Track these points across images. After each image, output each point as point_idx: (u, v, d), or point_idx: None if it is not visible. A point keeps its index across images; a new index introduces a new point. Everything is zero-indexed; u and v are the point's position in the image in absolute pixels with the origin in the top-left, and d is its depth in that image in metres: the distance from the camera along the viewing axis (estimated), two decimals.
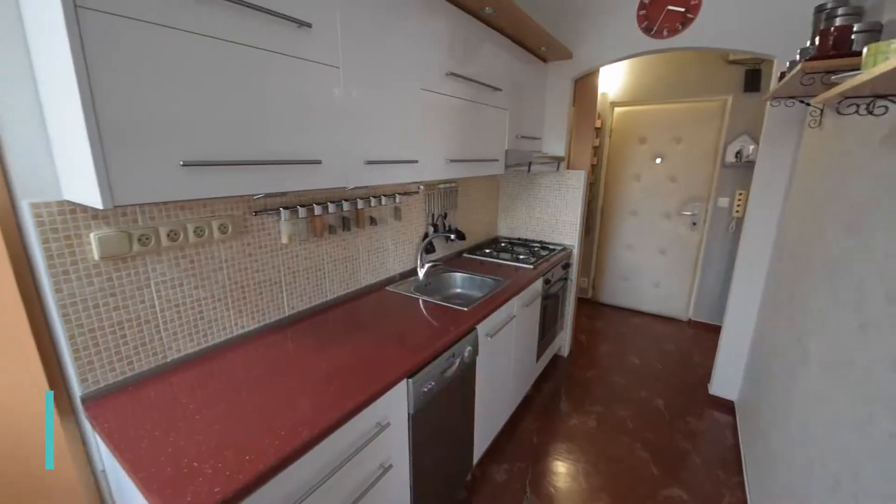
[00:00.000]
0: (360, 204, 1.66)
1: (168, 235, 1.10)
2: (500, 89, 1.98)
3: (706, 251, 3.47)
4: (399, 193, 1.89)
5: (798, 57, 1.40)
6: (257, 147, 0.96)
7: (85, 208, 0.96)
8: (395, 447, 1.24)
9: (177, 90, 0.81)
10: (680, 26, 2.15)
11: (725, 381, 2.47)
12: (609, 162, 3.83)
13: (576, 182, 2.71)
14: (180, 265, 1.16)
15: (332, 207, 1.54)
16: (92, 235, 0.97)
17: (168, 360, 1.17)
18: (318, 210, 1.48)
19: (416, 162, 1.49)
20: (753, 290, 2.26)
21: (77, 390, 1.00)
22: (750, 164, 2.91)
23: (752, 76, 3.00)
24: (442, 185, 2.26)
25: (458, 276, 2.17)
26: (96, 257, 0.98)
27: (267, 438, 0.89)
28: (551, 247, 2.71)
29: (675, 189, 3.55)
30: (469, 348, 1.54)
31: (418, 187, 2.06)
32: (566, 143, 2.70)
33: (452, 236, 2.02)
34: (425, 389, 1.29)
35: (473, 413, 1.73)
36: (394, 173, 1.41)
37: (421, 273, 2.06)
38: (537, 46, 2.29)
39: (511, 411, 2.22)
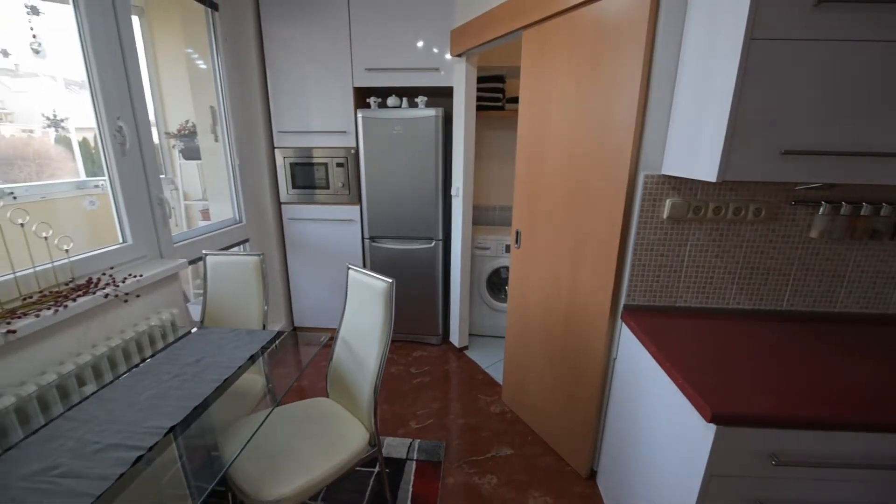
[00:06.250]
0: None
1: (713, 210, 1.38)
2: None
3: None
4: None
5: None
6: (849, 137, 1.00)
7: (669, 180, 1.37)
8: None
9: (788, 90, 0.99)
10: None
11: None
12: None
13: None
14: (711, 235, 1.43)
15: (885, 209, 1.32)
16: (667, 200, 1.39)
17: (676, 305, 1.51)
18: (865, 210, 1.32)
19: None
20: None
21: (622, 301, 1.52)
22: None
23: None
24: None
25: None
26: (664, 216, 1.40)
27: (764, 396, 1.01)
28: None
29: None
30: None
31: None
32: None
33: None
34: None
35: None
36: None
37: None
38: None
39: None
